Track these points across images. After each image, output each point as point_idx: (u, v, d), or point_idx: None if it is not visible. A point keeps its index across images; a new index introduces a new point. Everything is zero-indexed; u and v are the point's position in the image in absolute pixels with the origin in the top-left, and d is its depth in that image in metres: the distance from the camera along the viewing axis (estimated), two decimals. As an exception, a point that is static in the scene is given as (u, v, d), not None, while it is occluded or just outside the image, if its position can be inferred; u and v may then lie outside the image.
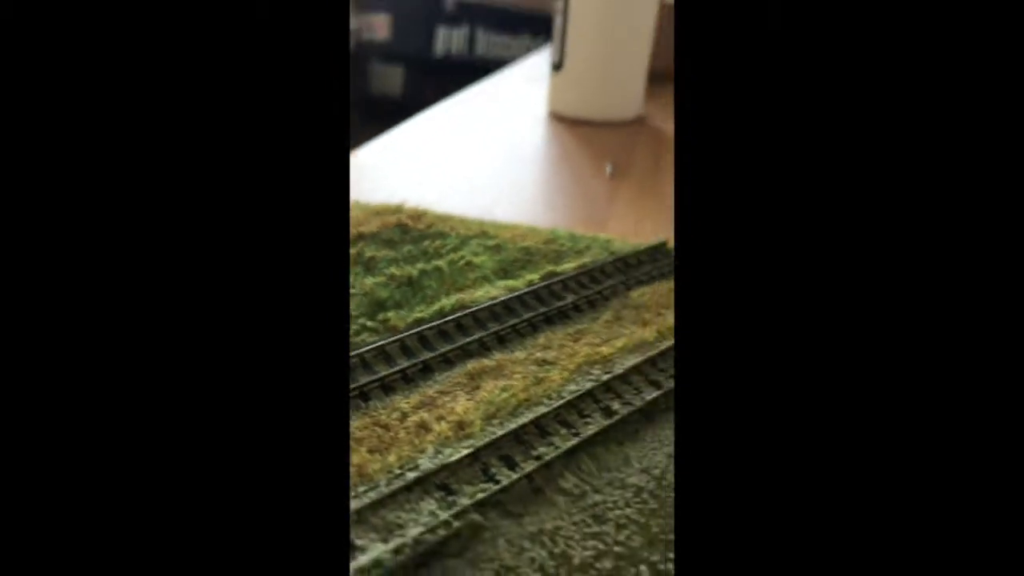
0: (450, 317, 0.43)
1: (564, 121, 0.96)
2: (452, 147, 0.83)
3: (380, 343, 0.39)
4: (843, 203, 0.14)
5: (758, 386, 0.14)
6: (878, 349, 0.14)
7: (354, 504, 0.28)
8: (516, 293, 0.46)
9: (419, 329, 0.41)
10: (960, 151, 0.14)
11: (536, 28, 1.80)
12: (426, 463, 0.31)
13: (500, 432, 0.33)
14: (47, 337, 0.14)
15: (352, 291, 0.45)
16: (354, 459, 0.31)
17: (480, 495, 0.29)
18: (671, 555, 0.28)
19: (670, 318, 0.45)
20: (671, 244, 0.55)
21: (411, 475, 0.30)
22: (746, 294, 0.14)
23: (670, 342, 0.42)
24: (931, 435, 0.13)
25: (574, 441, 0.33)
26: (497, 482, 0.30)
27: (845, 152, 0.14)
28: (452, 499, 0.30)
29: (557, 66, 0.95)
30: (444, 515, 0.28)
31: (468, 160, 0.79)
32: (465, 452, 0.32)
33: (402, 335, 0.40)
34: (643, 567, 0.27)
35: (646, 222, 0.63)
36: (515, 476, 0.31)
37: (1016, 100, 0.13)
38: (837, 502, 0.14)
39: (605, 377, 0.38)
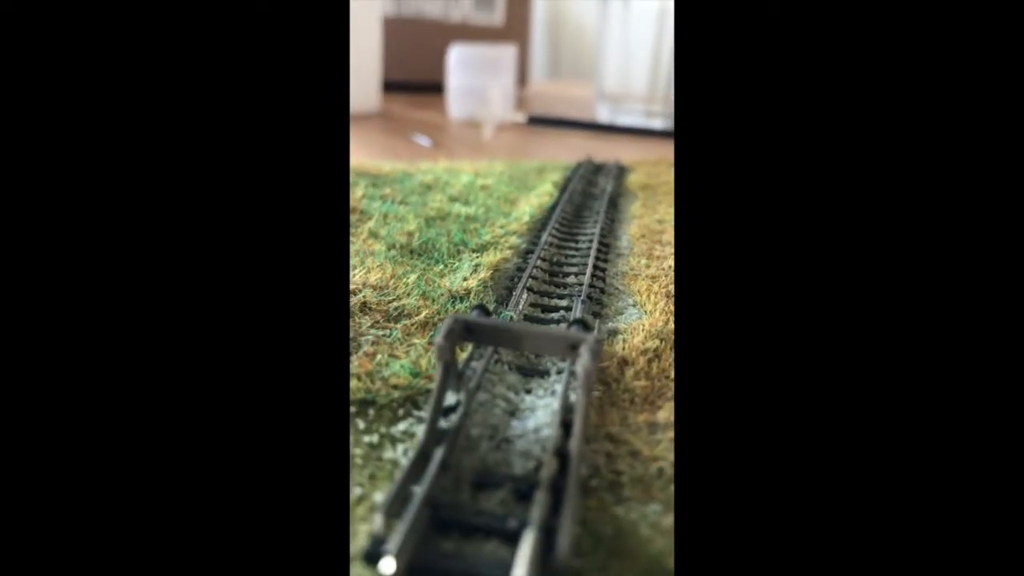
0: (557, 211, 0.42)
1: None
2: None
3: (550, 234, 0.37)
4: (841, 207, 0.14)
5: (759, 379, 0.14)
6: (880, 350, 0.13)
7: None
8: (567, 190, 0.47)
9: (554, 221, 0.40)
10: (960, 148, 0.13)
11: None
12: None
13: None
14: (43, 328, 0.14)
15: (441, 213, 0.40)
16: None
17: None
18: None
19: (668, 178, 0.53)
20: (590, 158, 0.62)
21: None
22: (746, 289, 0.14)
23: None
24: (928, 425, 0.13)
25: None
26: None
27: (843, 152, 0.14)
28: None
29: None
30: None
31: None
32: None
33: (549, 224, 0.39)
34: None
35: (504, 157, 0.67)
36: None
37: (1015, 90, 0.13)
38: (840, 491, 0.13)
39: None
